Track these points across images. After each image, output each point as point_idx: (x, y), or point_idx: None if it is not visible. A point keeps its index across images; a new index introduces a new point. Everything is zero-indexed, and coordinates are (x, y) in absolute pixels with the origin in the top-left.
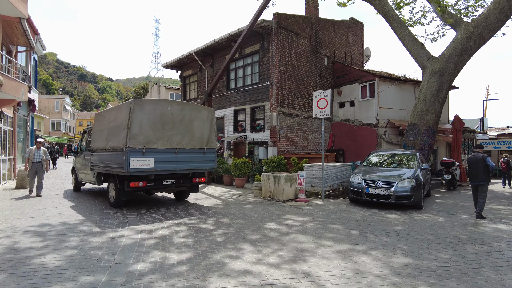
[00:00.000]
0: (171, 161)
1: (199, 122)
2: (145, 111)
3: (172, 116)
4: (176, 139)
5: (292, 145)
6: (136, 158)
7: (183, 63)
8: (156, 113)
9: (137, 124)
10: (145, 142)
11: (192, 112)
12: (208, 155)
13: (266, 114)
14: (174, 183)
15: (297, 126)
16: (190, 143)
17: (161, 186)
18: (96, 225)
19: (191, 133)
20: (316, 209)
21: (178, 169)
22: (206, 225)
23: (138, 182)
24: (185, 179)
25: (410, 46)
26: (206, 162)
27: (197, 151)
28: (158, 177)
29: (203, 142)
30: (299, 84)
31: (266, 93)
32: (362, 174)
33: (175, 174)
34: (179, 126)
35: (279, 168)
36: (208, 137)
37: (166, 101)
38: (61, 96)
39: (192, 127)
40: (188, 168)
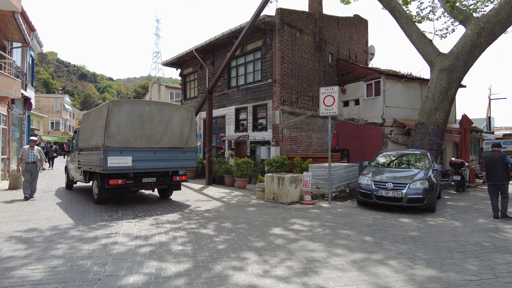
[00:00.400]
0: (149, 159)
1: (179, 122)
2: (123, 111)
3: (151, 116)
4: (154, 138)
5: (296, 145)
6: (114, 157)
7: (183, 60)
8: (135, 113)
9: (115, 124)
10: (123, 141)
11: (171, 112)
12: (188, 154)
13: (268, 112)
14: (154, 181)
15: (300, 125)
16: (169, 142)
17: (141, 184)
18: (89, 229)
19: (170, 132)
20: (324, 213)
21: (157, 167)
22: (206, 230)
23: (117, 180)
24: (165, 177)
25: (418, 43)
26: (186, 160)
27: (176, 150)
28: (137, 175)
29: (183, 141)
30: (302, 82)
31: (268, 91)
32: (371, 175)
33: (155, 172)
34: (158, 126)
35: (282, 168)
36: (188, 136)
37: (144, 101)
38: (61, 95)
39: (171, 126)
40: (167, 167)
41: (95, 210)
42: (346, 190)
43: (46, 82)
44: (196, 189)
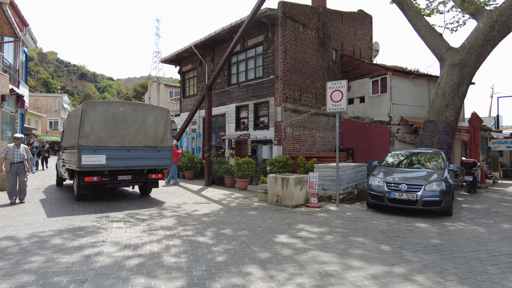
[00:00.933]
0: (123, 158)
1: (153, 121)
2: (97, 112)
3: (125, 116)
4: (128, 138)
5: (299, 144)
6: (88, 155)
7: (182, 57)
8: (109, 114)
9: (89, 124)
10: (97, 140)
11: (145, 112)
12: (162, 152)
13: (270, 110)
14: (130, 178)
15: (303, 124)
16: (143, 141)
17: (117, 181)
18: (74, 236)
19: (144, 132)
20: (332, 217)
21: (131, 165)
22: (204, 238)
23: (93, 177)
24: (141, 175)
25: (427, 37)
26: (161, 159)
27: (150, 149)
28: (112, 172)
29: (157, 140)
30: (305, 79)
31: (270, 88)
32: (382, 176)
33: (131, 170)
34: (132, 125)
35: (285, 168)
36: (163, 135)
37: (118, 102)
38: (59, 94)
39: (145, 126)
40: (141, 165)
41: (84, 213)
42: (354, 191)
43: (46, 81)
44: (194, 191)
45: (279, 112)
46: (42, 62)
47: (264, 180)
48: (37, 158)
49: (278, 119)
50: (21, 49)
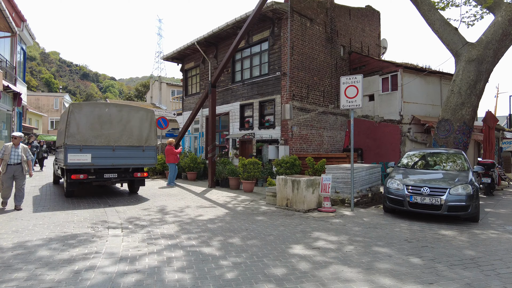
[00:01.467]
0: (108, 157)
1: (137, 122)
2: (83, 113)
3: (110, 117)
4: (113, 137)
5: (306, 144)
6: (73, 154)
7: (185, 54)
8: (94, 115)
9: (75, 125)
10: (83, 140)
11: (130, 113)
12: (147, 152)
13: (276, 109)
14: (116, 176)
15: (311, 122)
16: (128, 141)
17: (103, 179)
18: (64, 246)
19: (129, 132)
20: (349, 223)
21: (116, 164)
22: (210, 248)
23: (79, 175)
24: (126, 174)
25: (442, 32)
26: (146, 158)
27: (135, 148)
28: (98, 171)
29: (142, 140)
30: (313, 76)
31: (276, 85)
32: (401, 178)
33: (117, 169)
34: (117, 126)
35: (293, 169)
36: (147, 135)
37: (104, 104)
38: (61, 93)
39: (130, 126)
40: (126, 164)
41: (78, 219)
42: (369, 194)
43: (48, 81)
44: (197, 193)
45: (288, 109)
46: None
47: (271, 182)
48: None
49: (286, 117)
50: (19, 46)
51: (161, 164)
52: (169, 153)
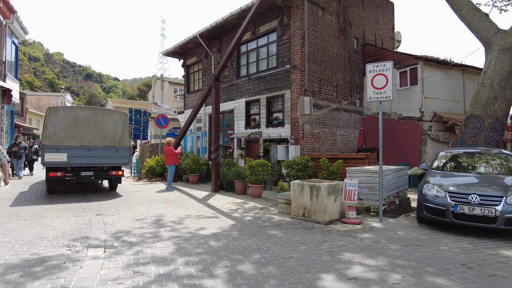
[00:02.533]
0: (84, 156)
1: (111, 124)
2: (59, 116)
3: (85, 119)
4: (88, 138)
5: (318, 143)
6: (50, 153)
7: (187, 49)
8: (70, 117)
9: (52, 126)
10: (59, 140)
11: (104, 115)
12: (121, 152)
13: (285, 105)
14: (92, 174)
15: (323, 120)
16: (102, 142)
17: (80, 176)
18: (24, 277)
19: (103, 133)
20: (382, 238)
21: (91, 163)
22: (213, 281)
23: (56, 173)
24: (102, 172)
25: (470, 18)
26: (119, 157)
27: (109, 149)
28: (75, 169)
29: (115, 141)
30: (325, 69)
31: (286, 80)
32: (441, 183)
33: (93, 167)
34: (92, 128)
35: (305, 172)
36: (121, 136)
37: (79, 107)
38: (62, 93)
39: (104, 128)
40: (101, 162)
41: (55, 233)
42: (396, 201)
43: (52, 82)
44: (199, 199)
45: (307, 103)
46: (48, 63)
47: (283, 186)
48: (25, 160)
49: (306, 112)
50: (9, 39)
51: (160, 166)
52: (168, 153)
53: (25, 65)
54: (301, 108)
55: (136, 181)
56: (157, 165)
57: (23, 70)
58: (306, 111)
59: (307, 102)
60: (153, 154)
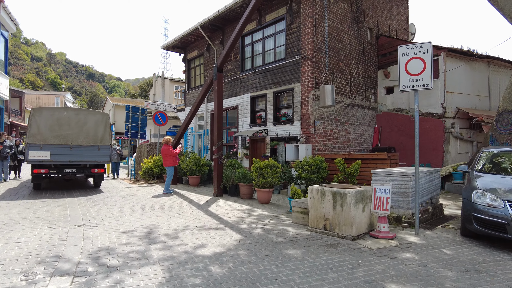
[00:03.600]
0: (67, 154)
1: (93, 124)
2: (43, 116)
3: (68, 120)
4: (71, 138)
5: (330, 142)
6: (34, 151)
7: (187, 42)
8: (54, 118)
9: (36, 126)
10: (42, 139)
11: (86, 116)
12: (102, 150)
13: (295, 100)
14: (75, 172)
15: (336, 116)
16: (84, 141)
17: (63, 173)
18: None
19: (85, 133)
20: (428, 260)
21: (74, 160)
22: None
23: (40, 169)
24: (84, 169)
25: (503, 2)
26: (101, 156)
27: (91, 147)
28: (58, 166)
29: (97, 140)
30: (338, 61)
31: (295, 72)
32: (493, 188)
33: (76, 165)
34: (74, 127)
35: (318, 174)
36: (102, 136)
37: (62, 108)
38: (62, 92)
39: (86, 128)
40: (83, 160)
41: (16, 253)
42: (429, 208)
43: (54, 82)
44: (200, 205)
45: (329, 92)
46: (50, 63)
47: (296, 191)
48: (11, 162)
49: (328, 103)
50: None
51: (158, 167)
52: (166, 154)
53: (28, 65)
54: (322, 98)
55: (132, 183)
56: (154, 166)
57: (25, 70)
58: (328, 102)
59: (328, 91)
60: (150, 154)
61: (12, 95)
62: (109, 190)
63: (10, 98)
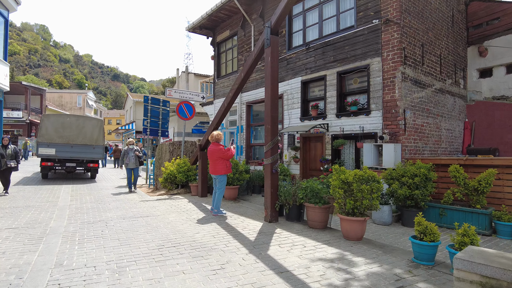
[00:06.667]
0: (68, 151)
1: (89, 128)
2: (50, 121)
3: (70, 124)
4: (72, 138)
5: (421, 141)
6: (43, 148)
7: (217, 19)
8: (59, 122)
9: (45, 128)
10: (49, 139)
11: (85, 121)
12: (96, 149)
13: (373, 81)
14: (75, 165)
15: (427, 106)
16: (82, 141)
17: (65, 166)
18: None
19: (83, 135)
20: None
21: (74, 156)
22: None
23: (47, 162)
24: (82, 163)
25: None
26: (95, 153)
27: (88, 146)
28: (61, 160)
29: (92, 141)
30: (427, 29)
31: (372, 42)
32: None
33: (75, 160)
34: (75, 130)
35: (425, 189)
36: (97, 137)
37: (66, 115)
38: (84, 90)
39: (84, 131)
40: (81, 157)
41: None
42: None
43: (80, 82)
44: (251, 241)
45: None
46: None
47: (422, 223)
48: None
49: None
50: None
51: (183, 173)
52: (216, 156)
53: (56, 67)
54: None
55: (150, 193)
56: (179, 171)
57: (53, 72)
58: None
59: None
60: (173, 156)
61: (33, 93)
62: (117, 205)
63: (30, 96)
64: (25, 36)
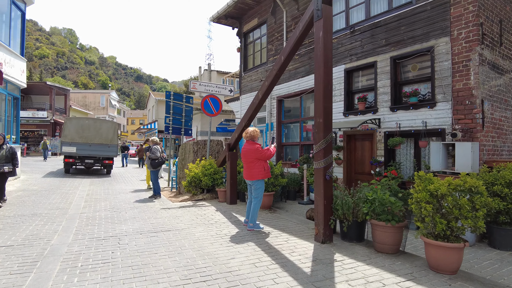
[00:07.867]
0: (87, 149)
1: (105, 129)
2: (72, 123)
3: (88, 126)
4: (90, 138)
5: (499, 139)
6: (66, 147)
7: (244, 7)
8: (79, 124)
9: (68, 130)
10: (71, 138)
11: (101, 124)
12: (111, 148)
13: (438, 66)
14: (92, 162)
15: (505, 95)
16: (99, 141)
17: (84, 163)
18: None
19: (99, 135)
20: None
21: (91, 154)
22: None
23: (69, 159)
24: (99, 160)
25: None
26: (110, 151)
27: (104, 145)
28: (81, 158)
29: (108, 140)
30: (505, 3)
31: (437, 19)
32: None
33: (93, 157)
34: (93, 131)
35: None
36: (111, 138)
37: (85, 118)
38: (107, 90)
39: (100, 132)
40: (98, 154)
41: None
42: None
43: (104, 83)
44: (304, 272)
45: None
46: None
47: None
48: None
49: None
50: (10, 3)
51: (209, 176)
52: (252, 157)
53: (82, 69)
54: None
55: (172, 198)
56: (204, 174)
57: (79, 73)
58: None
59: None
60: (198, 156)
61: (57, 93)
62: (135, 214)
63: (55, 96)
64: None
